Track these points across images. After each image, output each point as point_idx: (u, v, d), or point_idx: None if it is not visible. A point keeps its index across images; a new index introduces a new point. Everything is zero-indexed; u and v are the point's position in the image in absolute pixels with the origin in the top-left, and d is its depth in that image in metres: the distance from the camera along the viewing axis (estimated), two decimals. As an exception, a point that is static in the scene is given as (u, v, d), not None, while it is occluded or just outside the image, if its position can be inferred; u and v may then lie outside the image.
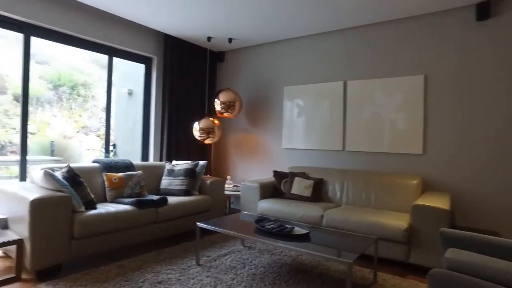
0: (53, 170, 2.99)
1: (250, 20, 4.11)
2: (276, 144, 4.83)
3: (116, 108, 7.82)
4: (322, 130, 4.36)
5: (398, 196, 3.49)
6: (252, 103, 5.11)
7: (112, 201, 3.31)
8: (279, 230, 2.63)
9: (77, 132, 11.22)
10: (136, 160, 5.32)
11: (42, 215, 2.48)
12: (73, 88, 11.79)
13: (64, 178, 2.81)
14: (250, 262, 2.98)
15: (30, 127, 9.86)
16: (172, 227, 3.44)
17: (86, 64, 13.95)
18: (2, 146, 8.84)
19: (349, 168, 4.12)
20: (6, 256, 2.98)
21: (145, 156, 4.85)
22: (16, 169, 8.67)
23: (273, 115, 4.90)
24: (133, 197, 3.39)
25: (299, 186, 3.87)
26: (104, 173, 3.42)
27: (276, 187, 4.05)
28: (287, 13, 3.84)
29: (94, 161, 3.63)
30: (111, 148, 6.76)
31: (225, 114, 4.66)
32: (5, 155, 8.97)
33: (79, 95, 11.86)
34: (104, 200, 3.34)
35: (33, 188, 2.77)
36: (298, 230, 2.68)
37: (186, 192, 3.72)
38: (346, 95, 4.19)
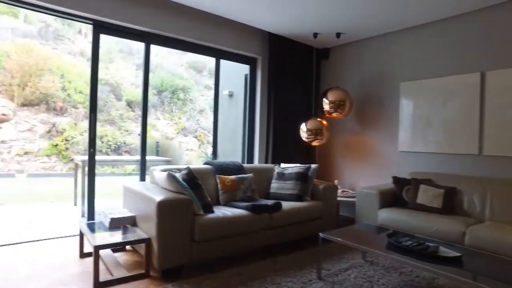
0: (173, 171, 3.05)
1: (361, 11, 3.74)
2: (391, 147, 4.35)
3: (215, 110, 8.08)
4: (450, 130, 3.76)
5: None
6: (362, 102, 4.69)
7: (225, 204, 3.26)
8: (422, 249, 2.23)
9: (177, 133, 12.05)
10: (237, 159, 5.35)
11: (167, 216, 2.50)
12: (173, 92, 12.71)
13: (184, 180, 2.82)
14: (378, 280, 2.62)
15: (138, 129, 10.78)
16: (285, 234, 3.26)
17: (185, 70, 14.95)
18: (118, 146, 9.91)
19: (488, 175, 3.46)
20: (134, 250, 3.13)
21: (249, 158, 4.80)
22: (129, 167, 9.60)
23: (386, 115, 4.42)
24: (245, 201, 3.31)
25: (426, 195, 3.36)
26: (217, 176, 3.41)
27: (396, 195, 3.60)
28: (412, -3, 3.38)
29: (206, 163, 3.66)
30: (211, 149, 6.95)
31: (334, 114, 4.35)
32: (121, 154, 10.02)
33: (178, 99, 12.74)
34: (217, 203, 3.32)
35: (156, 189, 2.85)
36: (445, 251, 2.24)
37: (298, 197, 3.51)
38: (484, 89, 3.53)
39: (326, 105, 4.36)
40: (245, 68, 5.94)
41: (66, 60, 10.84)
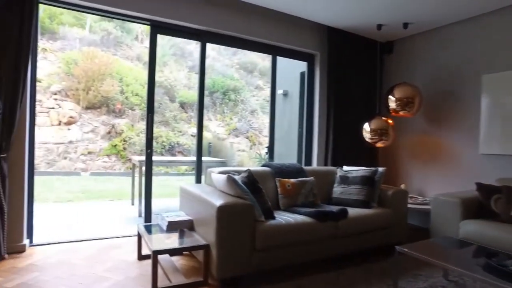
0: (231, 174, 2.89)
1: (441, -5, 3.32)
2: (469, 149, 3.84)
3: (271, 110, 7.89)
4: (548, 130, 3.20)
5: None
6: (433, 99, 4.22)
7: (286, 210, 3.04)
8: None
9: (229, 134, 12.10)
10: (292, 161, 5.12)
11: (227, 222, 2.34)
12: (224, 93, 12.80)
13: (244, 183, 2.65)
14: (467, 305, 2.24)
15: (191, 130, 10.96)
16: (351, 245, 2.96)
17: (236, 71, 15.03)
18: (172, 146, 10.15)
19: None
20: (191, 254, 3.03)
21: (307, 161, 4.54)
22: (183, 168, 9.76)
23: (464, 112, 3.92)
24: (307, 206, 3.07)
25: (520, 206, 2.87)
26: (276, 179, 3.20)
27: (481, 205, 3.13)
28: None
29: (265, 165, 3.47)
30: (265, 150, 6.78)
31: (402, 113, 3.94)
32: (174, 155, 10.25)
33: (230, 100, 12.81)
34: (276, 207, 3.11)
35: (215, 193, 2.71)
36: None
37: (364, 204, 3.19)
38: None
39: (392, 103, 3.97)
40: (300, 66, 5.69)
41: (124, 65, 11.37)
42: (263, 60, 17.07)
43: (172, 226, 2.76)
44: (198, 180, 3.93)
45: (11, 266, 2.70)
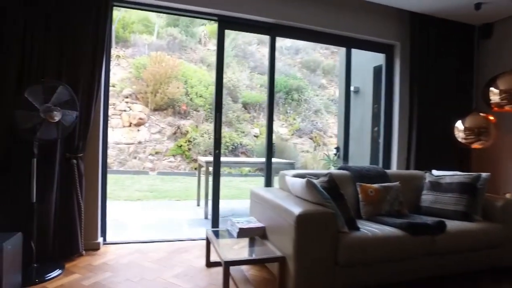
0: (309, 178, 2.60)
1: None
2: None
3: (339, 108, 7.47)
4: None
5: None
6: (545, 91, 3.50)
7: (369, 219, 2.66)
8: None
9: (292, 134, 11.80)
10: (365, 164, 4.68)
11: (307, 232, 2.06)
12: (287, 93, 12.52)
13: (324, 189, 2.34)
14: None
15: (254, 131, 10.87)
16: (450, 264, 2.49)
17: (298, 70, 14.70)
18: (235, 147, 10.14)
19: None
20: (262, 264, 2.79)
21: (385, 163, 4.07)
22: (245, 169, 9.69)
23: None
24: (392, 216, 2.66)
25: None
26: (357, 184, 2.83)
27: None
28: None
29: (342, 168, 3.12)
30: (334, 151, 6.37)
31: (507, 107, 3.31)
32: (237, 155, 10.23)
33: (293, 100, 12.50)
34: (357, 216, 2.74)
35: (290, 199, 2.44)
36: None
37: (464, 216, 2.68)
38: None
39: (494, 96, 3.35)
40: (374, 60, 5.22)
41: (189, 67, 11.68)
42: (326, 58, 16.50)
43: (243, 233, 2.55)
44: (268, 183, 3.69)
45: (88, 263, 2.72)
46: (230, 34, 15.82)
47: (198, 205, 5.17)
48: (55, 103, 2.40)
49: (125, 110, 9.82)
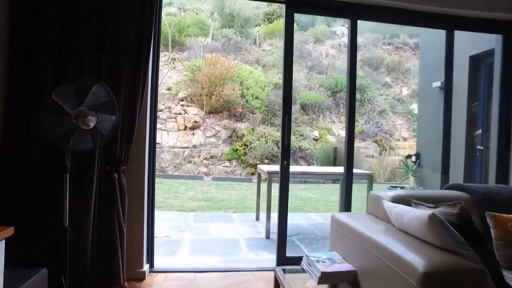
0: (418, 203, 1.85)
1: None
2: None
3: (419, 109, 6.43)
4: None
5: None
6: None
7: (511, 268, 1.83)
8: None
9: (354, 137, 10.76)
10: (457, 178, 3.77)
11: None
12: (349, 93, 11.52)
13: (453, 225, 1.56)
14: None
15: (313, 134, 10.07)
16: None
17: (359, 68, 13.60)
18: (294, 151, 9.45)
19: None
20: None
21: (500, 179, 3.12)
22: (307, 182, 8.96)
23: None
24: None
25: None
26: (488, 214, 2.00)
27: None
28: None
29: (454, 188, 2.29)
30: (413, 159, 5.42)
31: None
32: (296, 160, 9.53)
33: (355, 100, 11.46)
34: (487, 258, 1.92)
35: (396, 235, 1.70)
36: None
37: None
38: None
39: None
40: (471, 47, 4.26)
41: (244, 68, 11.24)
42: (389, 55, 15.14)
43: (327, 279, 1.86)
44: (348, 200, 2.98)
45: (130, 299, 2.23)
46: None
47: (257, 219, 4.56)
48: (90, 106, 1.93)
49: (180, 113, 9.61)
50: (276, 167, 4.01)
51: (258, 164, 7.98)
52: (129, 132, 2.29)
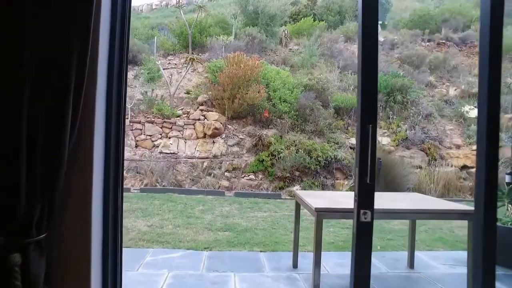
0: None
1: None
2: None
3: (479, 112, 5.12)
4: None
5: None
6: None
7: None
8: None
9: (397, 145, 9.42)
10: None
11: None
12: (389, 94, 10.15)
13: None
14: None
15: (350, 141, 8.75)
16: None
17: (398, 66, 12.19)
18: (329, 162, 8.16)
19: None
20: None
21: None
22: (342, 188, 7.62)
23: None
24: None
25: None
26: None
27: None
28: None
29: None
30: (507, 179, 4.12)
31: None
32: (332, 172, 8.28)
33: (395, 102, 10.10)
34: None
35: None
36: None
37: None
38: None
39: None
40: None
41: (270, 69, 10.16)
42: (430, 52, 13.59)
43: None
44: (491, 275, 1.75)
45: None
46: (315, 31, 14.04)
47: (296, 266, 3.33)
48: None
49: (199, 119, 8.61)
50: (324, 194, 2.81)
51: (289, 182, 6.78)
52: (53, 157, 1.12)
